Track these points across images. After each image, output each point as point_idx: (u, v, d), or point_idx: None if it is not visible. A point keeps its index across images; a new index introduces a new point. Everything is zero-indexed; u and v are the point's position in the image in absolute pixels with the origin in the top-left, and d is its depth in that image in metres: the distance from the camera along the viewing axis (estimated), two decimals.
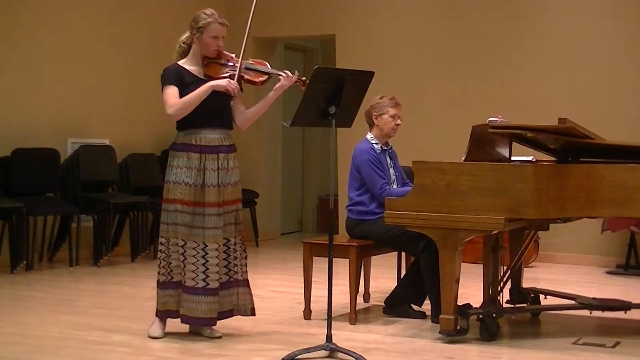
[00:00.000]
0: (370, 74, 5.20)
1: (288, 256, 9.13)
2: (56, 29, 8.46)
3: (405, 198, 5.38)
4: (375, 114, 6.12)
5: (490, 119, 5.64)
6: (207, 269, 5.19)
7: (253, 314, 5.45)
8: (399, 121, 6.15)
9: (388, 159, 6.18)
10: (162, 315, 5.33)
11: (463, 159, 5.49)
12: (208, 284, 5.20)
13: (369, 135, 6.16)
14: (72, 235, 8.09)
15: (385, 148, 6.17)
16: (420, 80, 9.42)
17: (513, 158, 5.97)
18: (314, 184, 11.70)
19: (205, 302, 5.20)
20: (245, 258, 5.41)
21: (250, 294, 5.43)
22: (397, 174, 6.21)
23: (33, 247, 7.88)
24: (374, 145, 6.10)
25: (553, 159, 6.10)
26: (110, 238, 8.34)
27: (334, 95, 4.97)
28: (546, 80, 8.97)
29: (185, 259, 5.21)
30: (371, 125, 6.17)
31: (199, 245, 5.19)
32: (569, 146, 5.66)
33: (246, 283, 5.42)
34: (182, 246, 5.22)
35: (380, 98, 6.16)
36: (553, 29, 8.97)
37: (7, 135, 7.96)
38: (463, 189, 5.21)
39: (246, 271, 5.42)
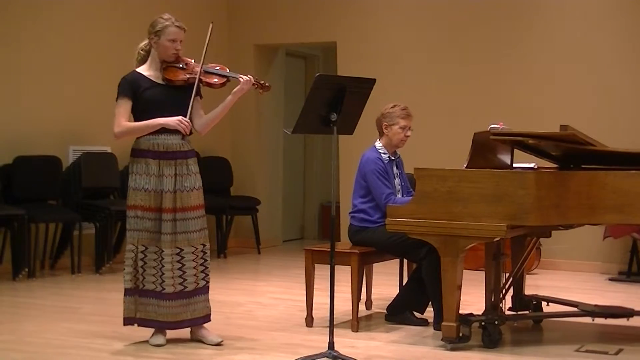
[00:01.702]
0: (372, 81, 5.20)
1: (290, 263, 9.13)
2: (57, 36, 8.47)
3: (407, 205, 5.39)
4: (386, 123, 6.09)
5: (492, 125, 5.63)
6: (163, 274, 5.23)
7: (209, 319, 5.46)
8: (409, 132, 6.11)
9: (395, 168, 6.16)
10: (131, 322, 5.34)
11: (465, 165, 5.49)
12: (164, 289, 5.23)
13: (378, 144, 6.14)
14: (74, 243, 8.09)
15: (393, 158, 6.15)
16: (421, 87, 9.42)
17: (515, 165, 5.96)
18: (316, 190, 11.69)
19: (163, 306, 5.23)
20: (208, 261, 5.44)
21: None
22: (403, 183, 6.19)
23: (35, 254, 7.88)
24: (382, 154, 6.08)
25: (555, 165, 6.09)
26: (111, 245, 8.34)
27: (336, 102, 4.97)
28: (548, 87, 8.96)
29: (145, 263, 5.26)
30: (381, 133, 6.15)
31: (158, 250, 5.24)
32: (571, 153, 5.66)
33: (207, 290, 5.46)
34: (142, 252, 5.26)
35: (392, 107, 6.11)
36: (556, 36, 8.97)
37: (8, 142, 7.97)
38: (465, 196, 5.20)
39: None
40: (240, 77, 5.28)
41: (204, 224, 5.38)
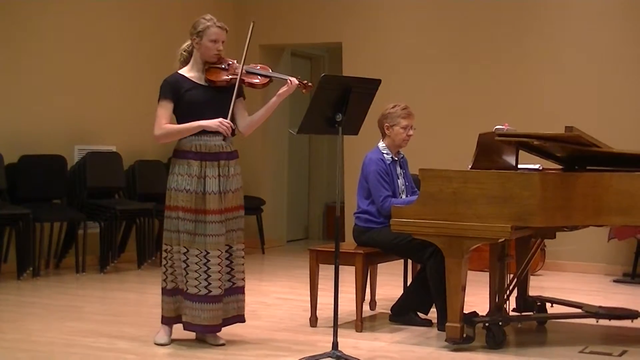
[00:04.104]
0: (377, 82, 5.21)
1: (294, 263, 9.12)
2: (63, 36, 8.48)
3: (412, 206, 5.38)
4: (387, 124, 6.08)
5: (497, 126, 5.63)
6: (209, 276, 5.20)
7: (244, 320, 5.46)
8: (411, 132, 6.11)
9: (398, 168, 6.15)
10: (169, 321, 5.34)
11: (470, 166, 5.49)
12: (210, 292, 5.20)
13: (381, 145, 6.13)
14: (79, 242, 8.10)
15: (396, 158, 6.15)
16: (426, 87, 9.42)
17: (520, 166, 5.96)
18: (320, 191, 11.69)
19: (208, 309, 5.20)
20: (244, 264, 5.43)
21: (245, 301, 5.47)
22: (407, 183, 6.18)
23: (39, 254, 7.89)
24: (385, 155, 6.07)
25: (560, 167, 6.09)
26: (116, 245, 8.35)
27: (341, 102, 4.98)
28: (553, 89, 8.96)
29: (188, 266, 5.21)
30: (383, 134, 6.15)
31: (201, 252, 5.19)
32: (576, 154, 5.66)
33: (244, 289, 5.46)
34: (184, 253, 5.22)
35: (392, 107, 6.11)
36: (560, 37, 8.96)
37: (14, 141, 7.98)
38: (470, 197, 5.20)
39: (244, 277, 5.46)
40: (288, 79, 5.29)
41: (242, 224, 5.38)
